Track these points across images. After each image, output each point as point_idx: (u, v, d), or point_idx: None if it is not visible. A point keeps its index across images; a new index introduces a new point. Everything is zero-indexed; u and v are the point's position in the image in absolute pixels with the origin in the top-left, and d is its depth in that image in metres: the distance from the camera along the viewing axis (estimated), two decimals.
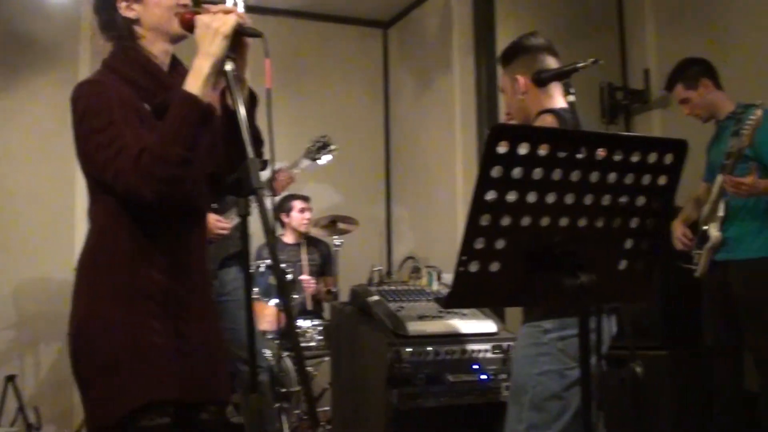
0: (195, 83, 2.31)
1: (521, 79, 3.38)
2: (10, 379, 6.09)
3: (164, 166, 2.26)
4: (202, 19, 2.33)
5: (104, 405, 2.40)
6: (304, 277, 6.58)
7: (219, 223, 4.69)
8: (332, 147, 5.70)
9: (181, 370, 2.43)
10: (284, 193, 6.69)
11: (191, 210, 2.55)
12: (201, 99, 2.30)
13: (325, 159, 5.73)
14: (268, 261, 6.09)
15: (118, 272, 2.43)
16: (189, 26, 2.40)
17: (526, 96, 3.39)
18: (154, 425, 2.43)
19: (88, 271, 2.49)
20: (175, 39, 2.52)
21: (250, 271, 2.70)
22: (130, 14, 2.50)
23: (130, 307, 2.40)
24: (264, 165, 4.60)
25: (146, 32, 2.52)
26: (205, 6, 2.41)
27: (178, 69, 2.60)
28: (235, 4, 5.17)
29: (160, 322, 2.42)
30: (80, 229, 5.21)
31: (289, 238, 7.07)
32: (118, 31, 2.53)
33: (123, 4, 2.50)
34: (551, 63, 3.40)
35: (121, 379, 2.36)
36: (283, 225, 7.09)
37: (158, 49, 2.53)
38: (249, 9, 2.49)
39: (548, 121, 3.30)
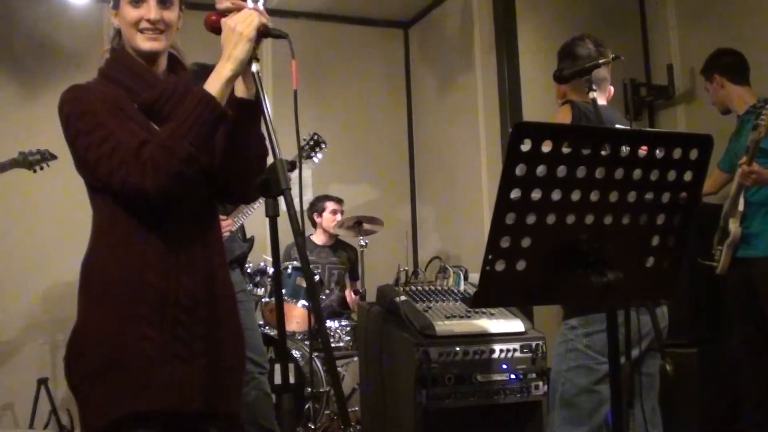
0: (215, 84, 2.32)
1: None
2: (43, 382, 6.15)
3: (171, 159, 2.25)
4: (226, 23, 2.34)
5: (90, 413, 2.39)
6: None
7: (223, 223, 4.72)
8: (324, 144, 5.66)
9: (179, 378, 2.38)
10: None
11: (191, 210, 2.50)
12: (217, 100, 2.31)
13: (317, 157, 5.71)
14: (296, 262, 6.11)
15: (111, 276, 2.40)
16: (214, 28, 2.40)
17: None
18: None
19: (85, 275, 2.47)
20: (143, 55, 2.50)
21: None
22: (115, 23, 2.55)
23: (122, 312, 2.36)
24: (292, 166, 4.64)
25: (124, 42, 2.54)
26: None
27: (177, 69, 2.62)
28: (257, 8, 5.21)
29: (153, 328, 2.36)
30: None
31: (319, 238, 7.10)
32: (111, 38, 2.58)
33: (112, 12, 2.54)
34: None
35: (106, 387, 2.33)
36: (314, 225, 7.11)
37: (142, 56, 2.53)
38: (270, 12, 2.49)
39: (563, 110, 3.32)
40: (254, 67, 2.33)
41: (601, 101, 3.49)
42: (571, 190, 1.95)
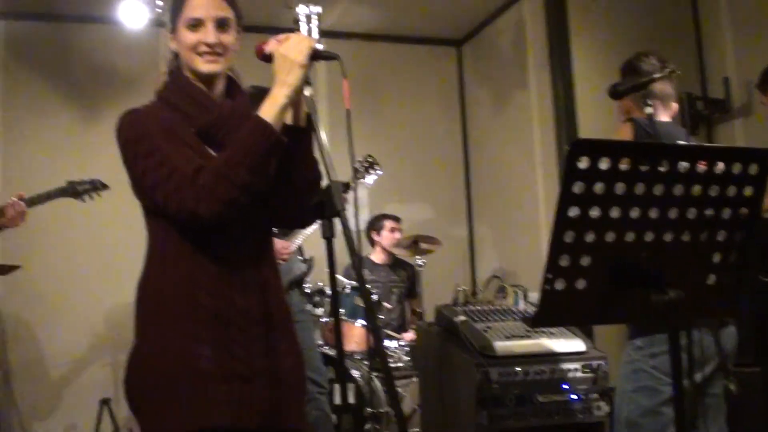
0: (270, 111, 2.33)
1: None
2: (106, 402, 6.27)
3: (227, 186, 2.26)
4: (279, 50, 2.35)
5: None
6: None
7: (283, 247, 4.75)
8: (378, 167, 5.67)
9: (239, 396, 2.38)
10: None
11: (244, 233, 2.50)
12: (273, 127, 2.32)
13: (371, 179, 5.72)
14: (354, 282, 6.12)
15: (165, 296, 2.43)
16: (266, 57, 2.42)
17: None
18: None
19: (140, 296, 2.49)
20: (202, 78, 2.52)
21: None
22: (173, 47, 2.57)
23: (177, 330, 2.38)
24: (347, 187, 4.67)
25: (182, 66, 2.57)
26: (281, 35, 2.43)
27: (234, 93, 2.63)
28: (310, 30, 5.24)
29: (209, 346, 2.37)
30: None
31: (377, 257, 7.11)
32: (169, 61, 2.61)
33: (170, 37, 2.58)
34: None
35: (166, 405, 2.35)
36: (373, 244, 7.12)
37: (196, 79, 2.55)
38: (323, 33, 2.52)
39: (625, 128, 3.30)
40: (307, 91, 2.36)
41: (665, 118, 3.47)
42: (630, 207, 1.93)
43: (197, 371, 2.35)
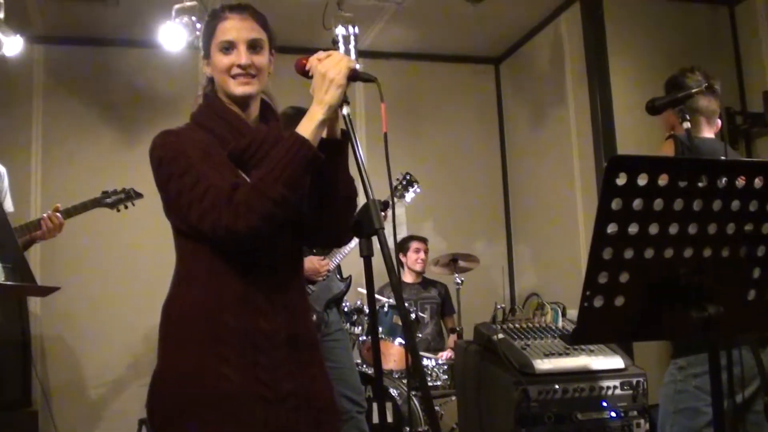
0: (307, 128, 2.33)
1: None
2: (144, 422, 6.27)
3: (266, 201, 2.25)
4: (317, 69, 2.36)
5: None
6: None
7: (321, 265, 4.77)
8: (416, 183, 5.68)
9: (265, 420, 2.36)
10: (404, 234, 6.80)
11: (273, 255, 2.49)
12: (311, 143, 2.33)
13: (409, 197, 5.72)
14: (391, 300, 6.12)
15: (189, 319, 2.43)
16: (305, 72, 2.43)
17: None
18: None
19: (165, 319, 2.51)
20: (236, 100, 2.54)
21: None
22: (207, 71, 2.60)
23: (201, 352, 2.37)
24: (385, 206, 4.69)
25: (217, 89, 2.59)
26: (321, 52, 2.44)
27: (269, 117, 2.65)
28: (348, 51, 5.27)
29: (233, 368, 2.35)
30: None
31: (407, 278, 7.14)
32: (204, 86, 2.64)
33: (204, 62, 2.61)
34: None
35: (187, 429, 2.34)
36: (402, 265, 7.15)
37: (230, 102, 2.57)
38: (362, 53, 2.53)
39: (667, 144, 3.29)
40: (345, 110, 2.36)
41: (709, 133, 3.46)
42: (669, 223, 1.92)
43: (221, 392, 2.33)
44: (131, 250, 6.86)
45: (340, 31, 5.83)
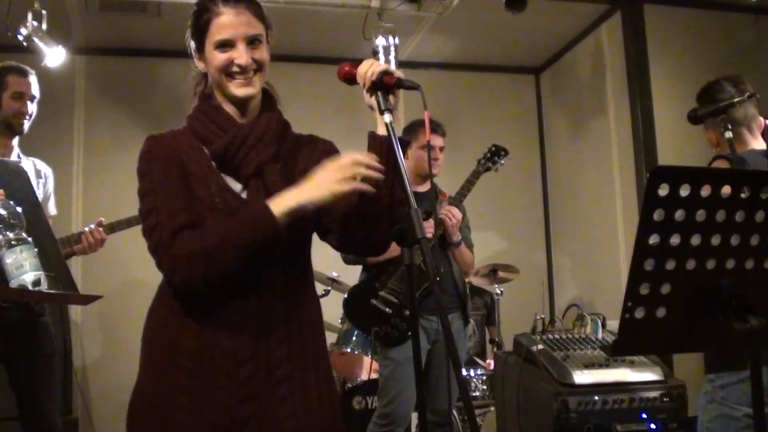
0: (281, 205, 2.17)
1: None
2: None
3: (210, 268, 2.16)
4: (330, 166, 2.20)
5: None
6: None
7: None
8: (504, 151, 5.50)
9: None
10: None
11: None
12: (276, 221, 2.15)
13: (500, 165, 5.54)
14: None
15: (154, 341, 2.37)
16: (348, 79, 2.38)
17: None
18: None
19: (142, 339, 2.44)
20: (234, 100, 2.40)
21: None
22: (200, 67, 2.46)
23: (160, 378, 2.29)
24: (427, 216, 4.67)
25: (213, 86, 2.47)
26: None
27: (272, 105, 2.51)
28: (389, 61, 5.27)
29: (187, 394, 2.23)
30: None
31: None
32: (197, 82, 2.53)
33: (195, 56, 2.46)
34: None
35: None
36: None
37: (228, 102, 2.43)
38: (402, 64, 2.52)
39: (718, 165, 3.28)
40: (387, 118, 2.27)
41: (752, 141, 3.42)
42: (711, 234, 1.91)
43: (176, 424, 2.23)
44: (148, 267, 6.92)
45: (380, 41, 5.85)
